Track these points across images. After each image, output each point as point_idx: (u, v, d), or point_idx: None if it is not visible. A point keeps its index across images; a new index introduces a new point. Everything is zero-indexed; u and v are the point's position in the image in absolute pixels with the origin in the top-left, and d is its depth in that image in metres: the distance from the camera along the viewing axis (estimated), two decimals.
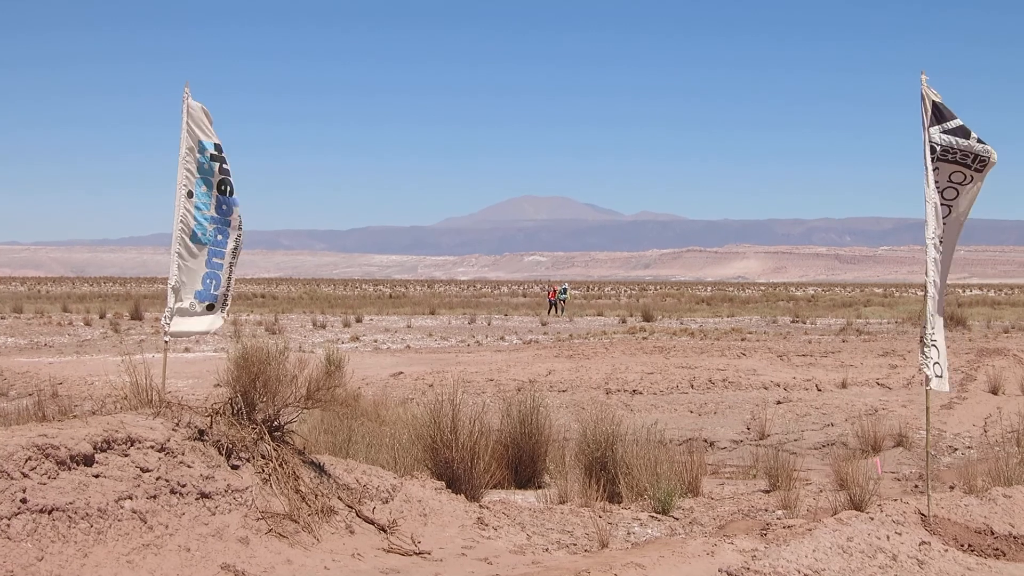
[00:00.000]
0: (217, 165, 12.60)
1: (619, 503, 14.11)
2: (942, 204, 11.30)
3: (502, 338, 49.39)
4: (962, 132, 11.24)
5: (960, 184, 11.30)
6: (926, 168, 11.17)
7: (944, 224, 11.36)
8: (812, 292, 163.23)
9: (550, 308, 78.53)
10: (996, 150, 11.03)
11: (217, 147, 12.65)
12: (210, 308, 12.68)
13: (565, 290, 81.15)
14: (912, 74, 11.29)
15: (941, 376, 11.44)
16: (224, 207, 12.72)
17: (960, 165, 11.25)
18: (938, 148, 11.15)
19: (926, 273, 11.25)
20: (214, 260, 12.63)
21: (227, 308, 12.97)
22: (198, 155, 12.49)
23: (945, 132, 11.21)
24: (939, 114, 11.22)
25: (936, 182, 11.22)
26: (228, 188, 12.72)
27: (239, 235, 12.88)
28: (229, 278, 12.88)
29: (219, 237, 12.68)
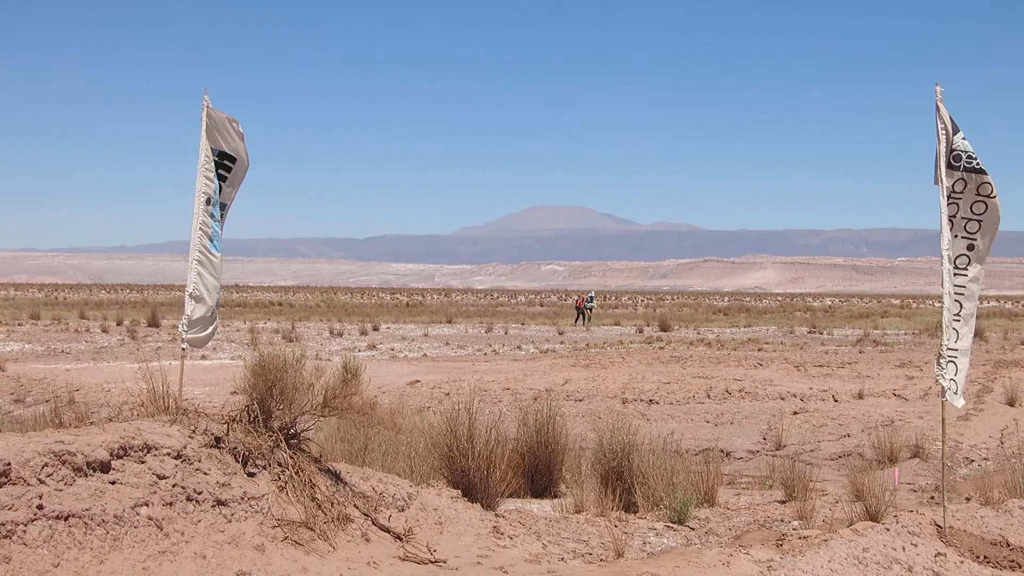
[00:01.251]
0: (215, 172, 12.71)
1: (635, 513, 14.11)
2: (972, 219, 11.30)
3: (519, 347, 49.35)
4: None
5: (988, 197, 11.28)
6: (940, 180, 11.17)
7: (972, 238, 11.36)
8: (829, 303, 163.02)
9: (578, 316, 77.95)
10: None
11: (223, 155, 12.75)
12: (212, 314, 12.84)
13: (592, 298, 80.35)
14: (929, 85, 11.30)
15: (957, 392, 11.44)
16: (222, 213, 12.85)
17: (979, 173, 11.23)
18: (963, 156, 11.15)
19: (942, 285, 11.24)
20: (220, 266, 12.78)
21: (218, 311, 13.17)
22: (215, 161, 12.58)
23: (965, 138, 11.21)
24: (955, 124, 11.22)
25: (960, 194, 11.22)
26: (219, 192, 12.84)
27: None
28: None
29: (220, 243, 12.83)
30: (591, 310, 78.23)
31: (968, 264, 11.47)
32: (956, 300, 11.43)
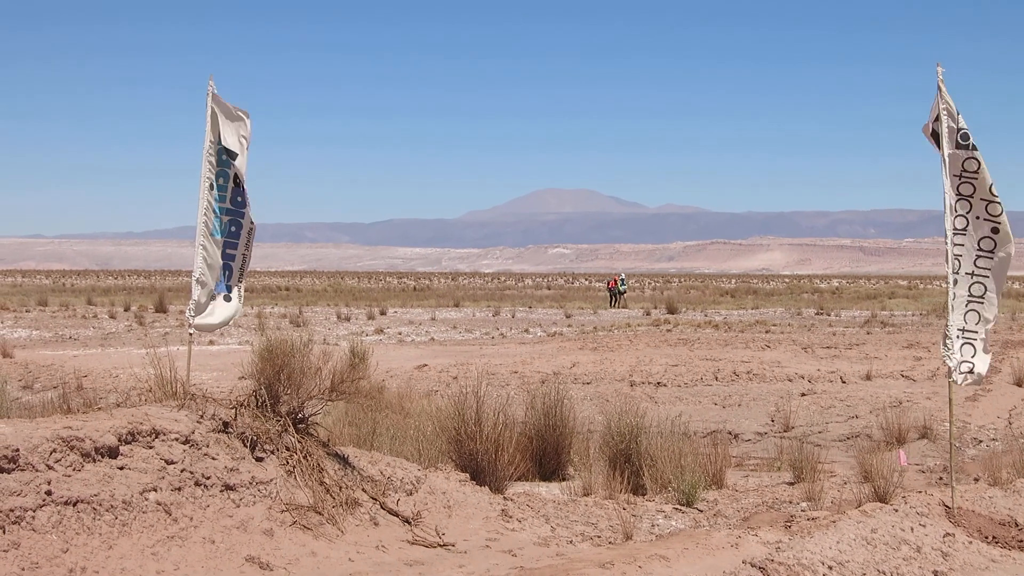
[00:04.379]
0: (231, 158, 12.72)
1: (643, 495, 14.11)
2: (993, 201, 11.29)
3: (526, 330, 49.36)
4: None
5: (974, 174, 11.30)
6: (943, 160, 11.18)
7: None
8: (836, 284, 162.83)
9: (611, 299, 77.83)
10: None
11: (228, 150, 12.76)
12: (227, 298, 12.86)
13: (624, 280, 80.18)
14: (931, 65, 11.28)
15: (972, 372, 11.44)
16: (239, 199, 12.87)
17: (967, 149, 11.27)
18: (970, 136, 11.18)
19: (947, 264, 11.25)
20: (227, 251, 12.79)
21: (242, 296, 13.21)
22: (218, 147, 12.59)
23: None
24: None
25: (975, 174, 11.24)
26: (240, 180, 12.86)
27: (252, 227, 13.05)
28: (242, 268, 13.04)
29: (232, 228, 12.85)
30: (623, 293, 78.09)
31: (995, 248, 11.43)
32: (979, 282, 11.43)
